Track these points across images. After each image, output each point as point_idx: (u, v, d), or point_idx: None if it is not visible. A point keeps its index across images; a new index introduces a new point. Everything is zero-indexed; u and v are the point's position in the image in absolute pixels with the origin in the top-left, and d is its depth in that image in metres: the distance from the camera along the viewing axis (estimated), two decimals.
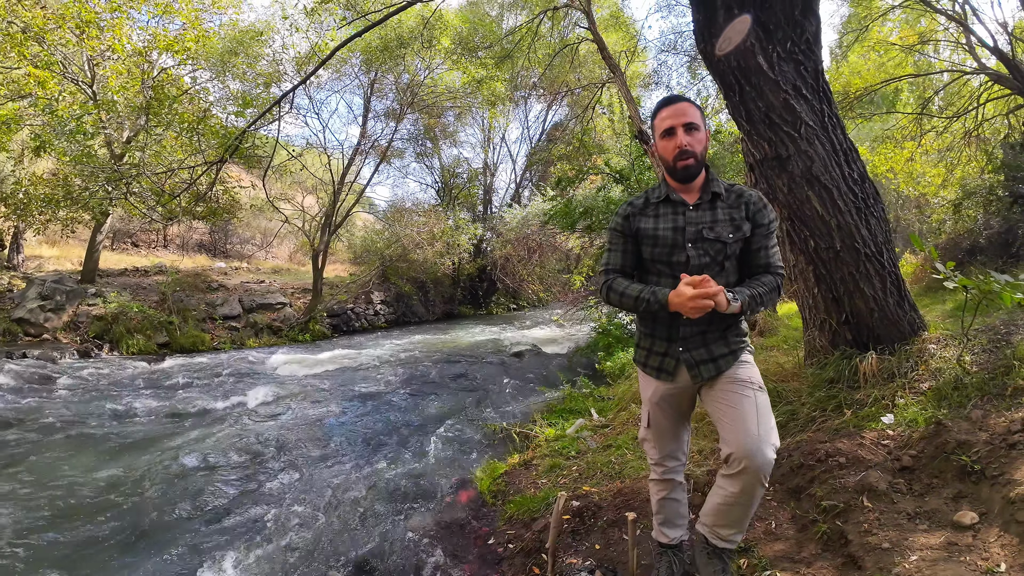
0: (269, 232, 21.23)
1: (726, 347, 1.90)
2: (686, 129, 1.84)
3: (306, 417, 6.32)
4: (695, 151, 1.85)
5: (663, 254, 1.92)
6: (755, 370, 1.93)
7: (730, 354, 1.90)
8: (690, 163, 1.86)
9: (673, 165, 1.89)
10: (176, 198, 7.75)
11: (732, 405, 1.83)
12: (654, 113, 1.98)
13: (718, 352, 1.90)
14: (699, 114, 1.89)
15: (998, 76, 9.45)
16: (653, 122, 1.98)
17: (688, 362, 1.92)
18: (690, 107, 1.88)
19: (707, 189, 1.93)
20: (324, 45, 10.42)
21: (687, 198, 1.93)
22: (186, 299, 12.74)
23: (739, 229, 1.87)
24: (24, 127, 10.60)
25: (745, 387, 1.85)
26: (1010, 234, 6.84)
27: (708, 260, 1.87)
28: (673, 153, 1.86)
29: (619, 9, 15.73)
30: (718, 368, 1.89)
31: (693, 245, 1.87)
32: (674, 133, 1.85)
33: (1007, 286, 2.82)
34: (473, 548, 3.16)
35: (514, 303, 21.50)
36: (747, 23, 2.97)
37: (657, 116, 1.93)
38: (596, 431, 4.80)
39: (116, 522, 3.77)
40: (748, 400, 1.82)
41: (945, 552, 1.96)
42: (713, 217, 1.89)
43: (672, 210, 1.94)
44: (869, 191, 3.37)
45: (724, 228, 1.87)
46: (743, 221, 1.88)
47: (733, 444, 1.78)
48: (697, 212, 1.91)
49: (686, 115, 1.85)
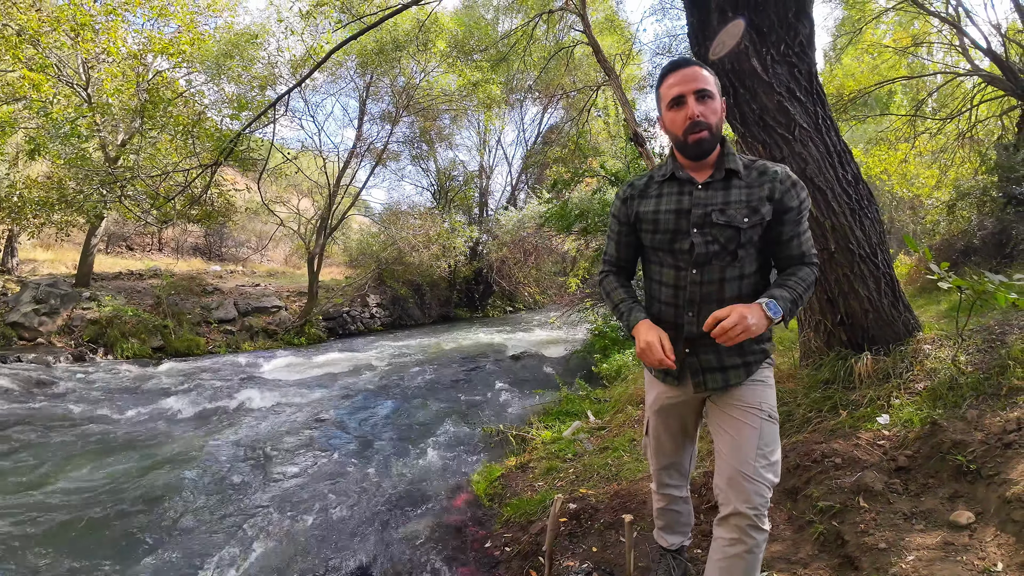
0: (264, 235, 21.16)
1: (739, 356, 1.65)
2: (698, 97, 1.57)
3: (301, 421, 6.30)
4: (710, 122, 1.57)
5: (664, 241, 1.67)
6: (769, 392, 1.68)
7: (743, 366, 1.65)
8: (704, 136, 1.57)
9: (684, 139, 1.60)
10: (171, 201, 7.73)
11: (733, 434, 1.62)
12: (659, 81, 1.67)
13: (729, 361, 1.65)
14: (713, 80, 1.62)
15: (991, 78, 9.51)
16: (659, 91, 1.67)
17: (693, 368, 1.69)
18: (701, 71, 1.59)
19: (721, 166, 1.64)
20: (319, 48, 10.42)
21: (697, 176, 1.66)
22: (181, 303, 12.69)
23: (756, 212, 1.58)
24: (19, 130, 10.57)
25: (751, 413, 1.62)
26: (1004, 235, 6.87)
27: (717, 248, 1.60)
28: (684, 125, 1.58)
29: (614, 12, 15.76)
30: (726, 380, 1.66)
31: (699, 230, 1.61)
32: (684, 102, 1.58)
33: (1001, 286, 2.83)
34: (470, 551, 3.15)
35: (510, 306, 21.49)
36: (741, 27, 2.99)
37: (663, 83, 1.64)
38: (593, 433, 4.79)
39: (111, 526, 3.75)
40: (751, 430, 1.60)
41: (942, 552, 1.96)
42: (726, 198, 1.61)
43: (678, 189, 1.67)
44: (863, 192, 3.38)
45: (738, 211, 1.58)
46: (763, 203, 1.59)
47: (725, 479, 1.60)
48: (707, 192, 1.63)
49: (697, 80, 1.57)
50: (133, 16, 11.22)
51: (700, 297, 1.64)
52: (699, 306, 1.64)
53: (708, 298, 1.63)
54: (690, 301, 1.65)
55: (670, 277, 1.68)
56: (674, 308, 1.68)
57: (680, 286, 1.66)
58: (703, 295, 1.64)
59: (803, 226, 1.66)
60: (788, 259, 1.67)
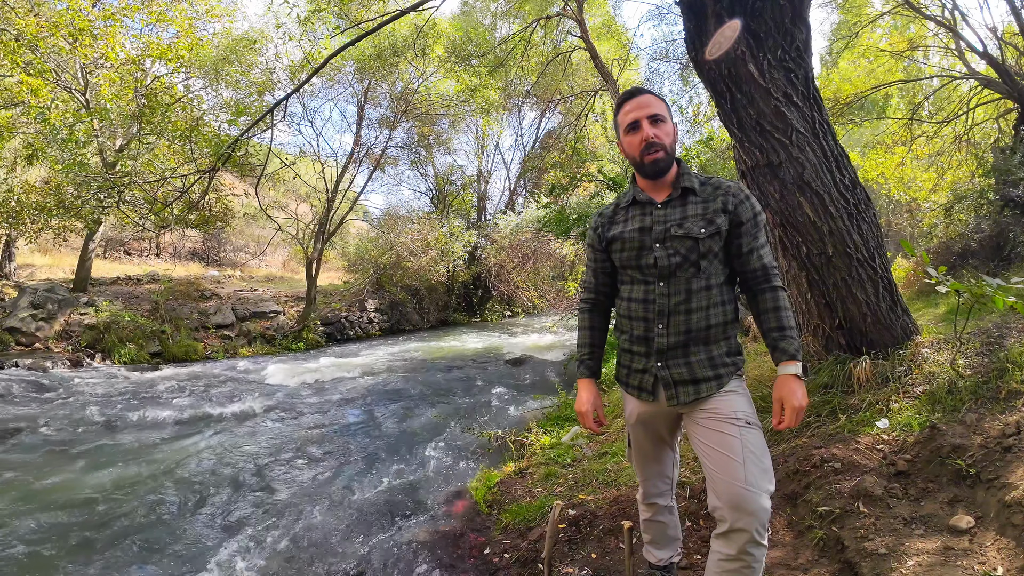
0: (262, 240, 21.15)
1: (711, 368, 1.70)
2: (651, 121, 1.72)
3: (298, 427, 6.28)
4: (663, 143, 1.72)
5: (631, 258, 1.79)
6: (743, 400, 1.70)
7: (714, 379, 1.70)
8: (659, 156, 1.72)
9: (640, 160, 1.75)
10: (169, 206, 7.72)
11: (716, 447, 1.64)
12: (616, 109, 1.84)
13: (701, 374, 1.70)
14: (664, 106, 1.77)
15: (988, 81, 9.55)
16: (616, 118, 1.84)
17: (665, 381, 1.74)
18: (654, 99, 1.76)
19: (678, 185, 1.77)
20: (317, 53, 10.44)
21: (656, 196, 1.79)
22: (179, 308, 12.66)
23: (712, 223, 1.70)
24: (16, 135, 10.55)
25: (729, 424, 1.64)
26: (1001, 237, 6.88)
27: (679, 260, 1.70)
28: (640, 147, 1.73)
29: (611, 18, 15.86)
30: (697, 393, 1.70)
31: (661, 244, 1.72)
32: (639, 127, 1.73)
33: (999, 289, 2.83)
34: (468, 559, 3.13)
35: (509, 310, 21.48)
36: (737, 27, 3.00)
37: (620, 111, 1.81)
38: (591, 439, 4.78)
39: (106, 532, 3.72)
40: (733, 440, 1.62)
41: (942, 557, 1.95)
42: (683, 213, 1.73)
43: (640, 211, 1.81)
44: (860, 196, 3.39)
45: (695, 223, 1.70)
46: (718, 214, 1.71)
47: (719, 495, 1.60)
48: (666, 209, 1.76)
49: (650, 107, 1.73)
50: (131, 21, 11.26)
51: (668, 309, 1.72)
52: (668, 318, 1.73)
53: (676, 309, 1.72)
54: (659, 313, 1.74)
55: (639, 292, 1.78)
56: (645, 322, 1.77)
57: (649, 300, 1.76)
58: (672, 307, 1.72)
59: (760, 240, 1.76)
60: (752, 272, 1.76)
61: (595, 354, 2.00)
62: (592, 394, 1.91)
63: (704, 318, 1.70)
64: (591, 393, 1.91)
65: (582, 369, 1.97)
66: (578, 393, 1.93)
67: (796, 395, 1.63)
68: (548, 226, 10.52)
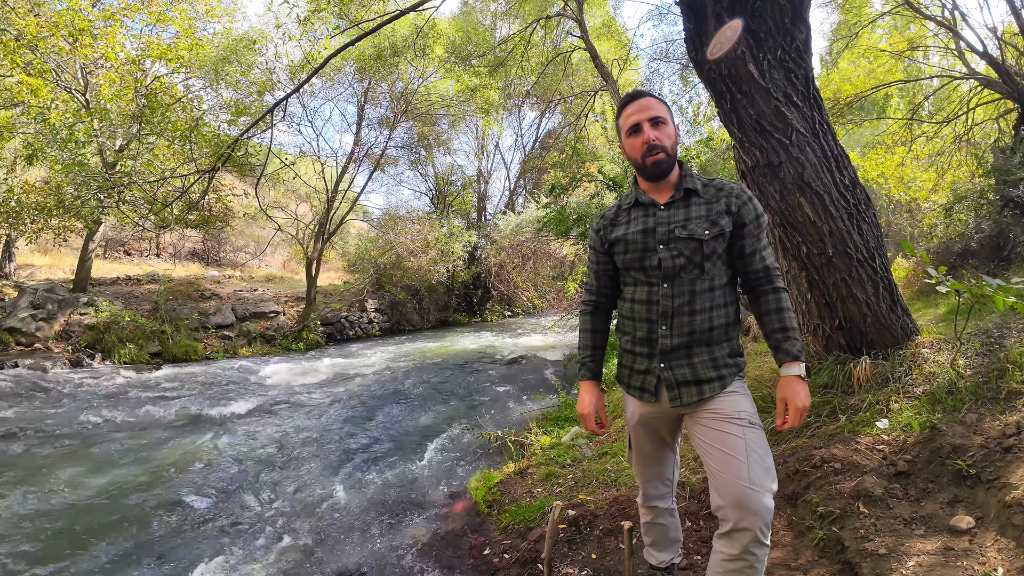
0: (262, 240, 21.13)
1: (713, 370, 1.71)
2: (653, 123, 1.74)
3: (297, 427, 6.28)
4: (665, 145, 1.74)
5: (634, 260, 1.78)
6: (745, 401, 1.72)
7: (717, 380, 1.71)
8: (660, 158, 1.73)
9: (642, 162, 1.76)
10: (169, 206, 7.72)
11: (719, 446, 1.65)
12: (618, 113, 1.86)
13: (704, 375, 1.71)
14: (665, 108, 1.78)
15: (988, 81, 9.55)
16: (618, 121, 1.86)
17: (668, 382, 1.74)
18: (655, 101, 1.77)
19: (680, 186, 1.79)
20: (317, 54, 10.43)
21: (658, 198, 1.80)
22: (179, 308, 12.66)
23: (716, 224, 1.71)
24: (16, 135, 10.55)
25: (732, 423, 1.66)
26: (1001, 237, 6.87)
27: (683, 261, 1.71)
28: (641, 150, 1.75)
29: (611, 18, 15.86)
30: (701, 393, 1.71)
31: (665, 246, 1.73)
32: (640, 129, 1.75)
33: (999, 290, 2.83)
34: (468, 559, 3.13)
35: (509, 310, 21.47)
36: (737, 28, 2.99)
37: (621, 115, 1.82)
38: (591, 439, 4.78)
39: (107, 531, 3.72)
40: (736, 440, 1.63)
41: (942, 557, 1.95)
42: (687, 215, 1.74)
43: (643, 213, 1.81)
44: (860, 197, 3.38)
45: (699, 225, 1.71)
46: (721, 216, 1.72)
47: (722, 494, 1.60)
48: (669, 211, 1.77)
49: (651, 109, 1.75)
50: (131, 21, 11.24)
51: (672, 310, 1.72)
52: (672, 319, 1.73)
53: (680, 311, 1.72)
54: (663, 314, 1.74)
55: (643, 294, 1.78)
56: (648, 323, 1.77)
57: (653, 301, 1.75)
58: (675, 308, 1.72)
59: (763, 241, 1.77)
60: (754, 274, 1.77)
61: (596, 356, 2.01)
62: (594, 396, 1.93)
63: (707, 319, 1.71)
64: (593, 395, 1.93)
65: (583, 371, 1.99)
66: (580, 395, 1.95)
67: (800, 395, 1.66)
68: (548, 226, 10.54)
